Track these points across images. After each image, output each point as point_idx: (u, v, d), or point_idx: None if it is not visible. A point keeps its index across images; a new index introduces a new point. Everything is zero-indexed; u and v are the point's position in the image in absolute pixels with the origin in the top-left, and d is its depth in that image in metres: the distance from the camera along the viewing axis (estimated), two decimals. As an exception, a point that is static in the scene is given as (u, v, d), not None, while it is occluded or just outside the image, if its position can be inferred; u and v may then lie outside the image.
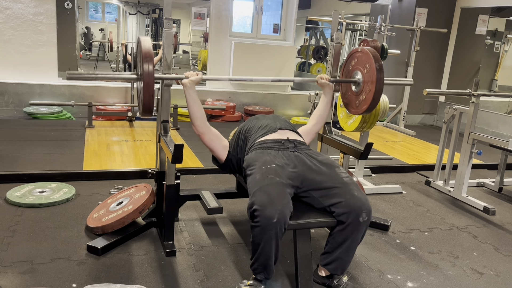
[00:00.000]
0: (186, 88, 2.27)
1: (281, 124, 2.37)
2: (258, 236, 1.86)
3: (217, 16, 6.01)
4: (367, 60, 2.42)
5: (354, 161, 3.76)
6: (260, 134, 2.29)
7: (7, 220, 2.56)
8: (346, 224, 1.95)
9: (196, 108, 2.29)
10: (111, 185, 3.25)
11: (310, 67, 10.58)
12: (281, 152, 2.16)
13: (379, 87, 2.34)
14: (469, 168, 3.47)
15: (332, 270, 2.06)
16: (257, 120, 2.44)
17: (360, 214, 1.94)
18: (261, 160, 2.09)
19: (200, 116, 2.31)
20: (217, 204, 2.40)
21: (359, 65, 2.51)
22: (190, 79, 2.27)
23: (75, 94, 5.50)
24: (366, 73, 2.44)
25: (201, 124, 2.32)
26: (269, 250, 1.88)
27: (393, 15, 6.70)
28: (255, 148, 2.22)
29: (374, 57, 2.37)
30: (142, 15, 14.09)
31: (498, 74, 8.32)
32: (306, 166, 2.10)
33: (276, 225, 1.82)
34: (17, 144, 3.97)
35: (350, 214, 1.94)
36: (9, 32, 5.21)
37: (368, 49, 2.44)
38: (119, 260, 2.23)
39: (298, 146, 2.22)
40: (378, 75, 2.33)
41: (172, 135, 2.48)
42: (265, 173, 1.99)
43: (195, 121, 2.31)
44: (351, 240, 1.98)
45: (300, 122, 6.13)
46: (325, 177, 2.06)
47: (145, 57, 2.07)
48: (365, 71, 2.44)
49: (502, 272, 2.41)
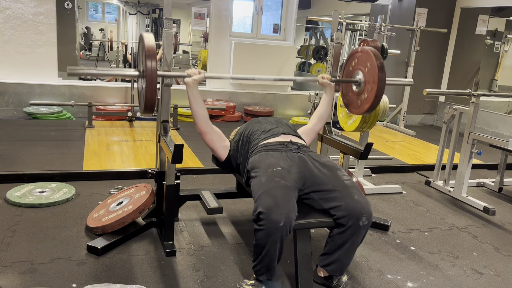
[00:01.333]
0: (188, 87, 2.26)
1: (283, 128, 2.36)
2: (263, 239, 1.84)
3: (217, 16, 6.01)
4: (368, 59, 2.41)
5: (354, 161, 3.76)
6: (263, 137, 2.28)
7: (7, 220, 2.56)
8: (346, 227, 1.95)
9: (198, 107, 2.28)
10: (111, 185, 3.25)
11: (310, 67, 10.57)
12: (284, 153, 2.15)
13: (381, 85, 2.33)
14: (469, 168, 3.46)
15: (331, 271, 2.06)
16: (259, 124, 2.42)
17: (360, 218, 1.93)
18: (265, 162, 2.08)
19: (202, 115, 2.30)
20: (217, 204, 2.40)
21: (359, 65, 2.50)
22: (193, 78, 2.25)
23: (75, 94, 5.50)
24: (367, 72, 2.43)
25: (204, 124, 2.31)
26: (274, 253, 1.87)
27: (393, 15, 6.70)
28: (258, 151, 2.21)
29: (375, 55, 2.36)
30: (142, 15, 14.09)
31: (498, 74, 8.32)
32: (308, 168, 2.09)
33: (282, 229, 1.81)
34: (17, 144, 3.97)
35: (350, 218, 1.93)
36: (9, 32, 5.21)
37: (368, 48, 2.44)
38: (119, 260, 2.23)
39: (301, 148, 2.22)
40: (380, 73, 2.32)
41: (172, 135, 2.48)
42: (271, 176, 1.98)
43: (198, 120, 2.30)
44: (350, 242, 1.98)
45: (300, 122, 6.13)
46: (326, 180, 2.05)
47: (148, 54, 2.06)
48: (366, 70, 2.43)
49: (502, 272, 2.41)
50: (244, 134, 2.41)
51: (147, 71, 2.04)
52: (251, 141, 2.33)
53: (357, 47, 2.60)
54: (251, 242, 2.51)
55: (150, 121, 5.31)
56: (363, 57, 2.47)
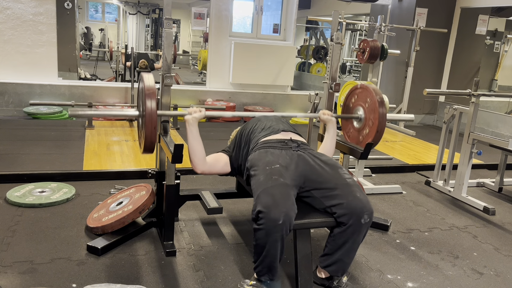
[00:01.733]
0: (188, 125, 2.20)
1: (283, 126, 2.36)
2: (263, 238, 1.84)
3: (217, 16, 6.01)
4: (368, 95, 2.47)
5: (354, 161, 3.76)
6: (263, 134, 2.28)
7: (7, 220, 2.56)
8: (347, 225, 1.94)
9: (197, 144, 2.21)
10: (111, 185, 3.25)
11: (310, 67, 10.58)
12: (284, 151, 2.14)
13: (382, 120, 2.36)
14: (469, 168, 3.46)
15: (333, 272, 2.05)
16: (259, 122, 2.41)
17: (361, 215, 1.93)
18: (264, 160, 2.07)
19: (199, 152, 2.22)
20: (217, 204, 2.40)
21: (360, 101, 2.55)
22: (193, 116, 2.19)
23: (75, 94, 5.50)
24: (367, 107, 2.47)
25: (200, 162, 2.24)
26: (274, 253, 1.87)
27: (393, 15, 6.70)
28: (258, 148, 2.21)
29: (375, 91, 2.42)
30: (142, 15, 14.11)
31: (498, 74, 8.32)
32: (309, 166, 2.09)
33: (282, 227, 1.81)
34: (17, 144, 3.97)
35: (351, 216, 1.93)
36: (9, 32, 5.21)
37: (367, 85, 2.50)
38: (119, 260, 2.23)
39: (301, 146, 2.22)
40: (380, 108, 2.36)
41: (172, 135, 2.48)
42: (269, 174, 1.98)
43: (194, 158, 2.22)
44: (352, 241, 1.97)
45: (300, 122, 6.13)
46: (328, 177, 2.04)
47: (148, 94, 2.03)
48: (366, 106, 2.48)
49: (502, 272, 2.42)
50: (244, 133, 2.41)
51: (146, 110, 2.01)
52: (251, 139, 2.32)
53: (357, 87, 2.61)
54: (251, 242, 2.51)
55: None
56: (363, 93, 2.52)
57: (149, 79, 2.09)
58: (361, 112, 2.53)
